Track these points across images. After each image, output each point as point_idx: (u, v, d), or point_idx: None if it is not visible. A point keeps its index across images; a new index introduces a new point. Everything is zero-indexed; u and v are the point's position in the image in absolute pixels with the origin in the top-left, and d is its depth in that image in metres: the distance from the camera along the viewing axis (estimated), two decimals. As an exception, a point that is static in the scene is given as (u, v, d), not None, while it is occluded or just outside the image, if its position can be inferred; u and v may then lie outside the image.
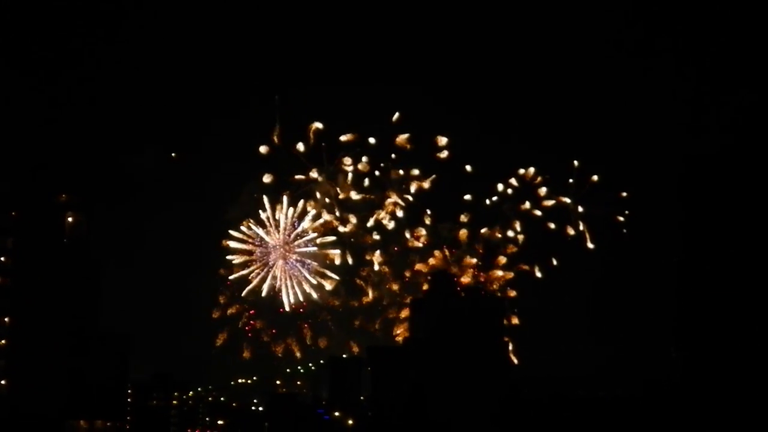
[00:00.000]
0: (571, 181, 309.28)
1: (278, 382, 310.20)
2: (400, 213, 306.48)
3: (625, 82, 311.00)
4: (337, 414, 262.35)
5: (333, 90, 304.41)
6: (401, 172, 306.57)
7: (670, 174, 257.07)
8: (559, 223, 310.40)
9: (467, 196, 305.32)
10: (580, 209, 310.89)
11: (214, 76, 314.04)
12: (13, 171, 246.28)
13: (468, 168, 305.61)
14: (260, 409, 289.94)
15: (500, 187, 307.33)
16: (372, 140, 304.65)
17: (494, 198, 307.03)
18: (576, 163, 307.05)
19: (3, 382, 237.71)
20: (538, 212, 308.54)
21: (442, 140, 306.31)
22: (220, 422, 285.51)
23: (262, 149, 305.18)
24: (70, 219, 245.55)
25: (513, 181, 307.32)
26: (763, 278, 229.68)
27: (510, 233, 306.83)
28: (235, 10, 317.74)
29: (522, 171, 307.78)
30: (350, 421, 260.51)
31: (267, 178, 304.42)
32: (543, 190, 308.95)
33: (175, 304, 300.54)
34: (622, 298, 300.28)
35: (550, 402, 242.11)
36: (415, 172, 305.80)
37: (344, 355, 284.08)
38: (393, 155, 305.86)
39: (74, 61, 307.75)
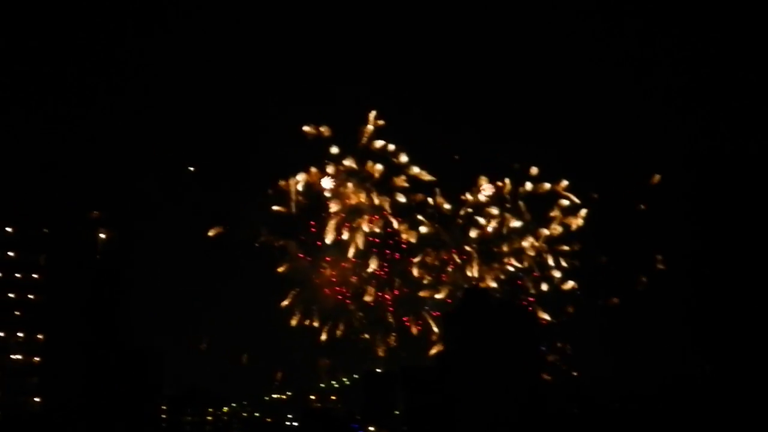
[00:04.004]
0: None
1: (312, 398, 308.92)
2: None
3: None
4: (371, 429, 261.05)
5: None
6: None
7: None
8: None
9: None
10: None
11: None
12: (44, 188, 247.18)
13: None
14: (294, 424, 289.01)
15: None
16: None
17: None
18: None
19: (36, 399, 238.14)
20: None
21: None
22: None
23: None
24: (102, 235, 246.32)
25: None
26: None
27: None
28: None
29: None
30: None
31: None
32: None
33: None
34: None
35: (579, 413, 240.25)
36: None
37: (378, 370, 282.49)
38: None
39: (104, 76, 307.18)
